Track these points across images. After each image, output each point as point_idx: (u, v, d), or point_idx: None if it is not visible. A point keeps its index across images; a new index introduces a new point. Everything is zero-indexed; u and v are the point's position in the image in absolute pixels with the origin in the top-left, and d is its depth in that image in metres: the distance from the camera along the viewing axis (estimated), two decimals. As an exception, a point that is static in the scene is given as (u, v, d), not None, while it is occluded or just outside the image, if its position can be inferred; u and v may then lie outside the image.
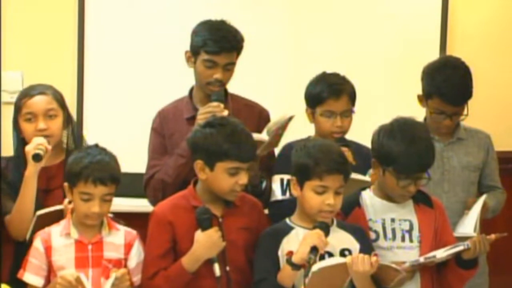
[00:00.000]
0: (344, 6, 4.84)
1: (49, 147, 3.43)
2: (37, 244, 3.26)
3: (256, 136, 3.45)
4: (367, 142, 3.62)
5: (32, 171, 3.40)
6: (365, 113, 3.79)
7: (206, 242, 3.20)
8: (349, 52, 4.79)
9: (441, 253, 3.28)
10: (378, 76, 4.79)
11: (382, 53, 4.84)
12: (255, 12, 4.74)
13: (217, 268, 3.20)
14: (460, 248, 3.30)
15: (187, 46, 3.71)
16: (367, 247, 3.25)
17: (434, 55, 4.48)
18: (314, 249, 3.11)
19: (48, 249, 3.24)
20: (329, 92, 3.65)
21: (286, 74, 4.79)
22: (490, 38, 4.94)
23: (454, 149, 3.91)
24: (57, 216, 3.35)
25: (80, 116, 4.64)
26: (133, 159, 3.72)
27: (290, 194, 3.49)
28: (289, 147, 3.60)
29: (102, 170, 3.23)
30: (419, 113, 3.79)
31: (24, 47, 4.68)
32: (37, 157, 3.37)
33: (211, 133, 3.25)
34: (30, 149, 3.40)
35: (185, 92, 3.80)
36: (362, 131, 3.65)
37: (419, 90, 3.90)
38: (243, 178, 3.24)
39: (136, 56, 4.72)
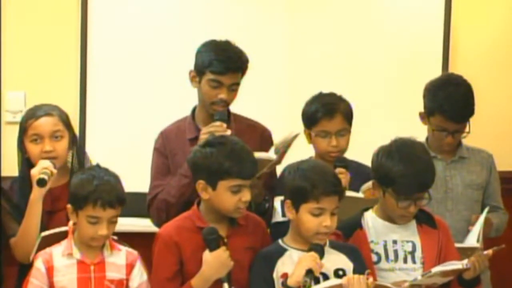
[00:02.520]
0: (345, 23, 4.85)
1: (55, 171, 3.39)
2: (39, 264, 3.22)
3: (264, 155, 3.46)
4: (367, 160, 3.62)
5: (37, 195, 3.37)
6: (366, 131, 3.83)
7: (215, 262, 3.17)
8: (350, 70, 4.80)
9: (436, 268, 3.25)
10: (380, 95, 4.79)
11: (383, 72, 4.85)
12: (255, 30, 4.77)
13: None
14: (458, 266, 3.28)
15: (189, 66, 3.70)
16: (361, 266, 3.22)
17: (436, 73, 4.44)
18: (309, 272, 3.10)
19: (49, 270, 3.21)
20: (322, 112, 3.65)
21: (285, 93, 4.80)
22: (493, 57, 4.94)
23: (457, 167, 3.90)
24: (62, 238, 3.31)
25: (82, 136, 4.64)
26: (136, 178, 3.70)
27: (291, 215, 3.47)
28: None
29: (110, 193, 3.20)
30: (421, 131, 3.82)
31: (27, 67, 4.69)
32: (41, 182, 3.33)
33: (211, 152, 3.23)
34: (35, 173, 3.36)
35: (187, 112, 3.79)
36: (362, 149, 3.64)
37: (421, 107, 3.89)
38: (246, 195, 3.22)
39: (138, 76, 4.74)
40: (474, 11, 4.95)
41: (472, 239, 3.55)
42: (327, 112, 3.64)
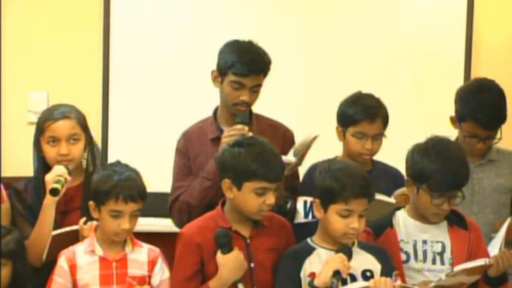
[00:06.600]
0: (365, 25, 4.76)
1: (69, 178, 3.28)
2: (62, 262, 3.15)
3: (284, 158, 3.34)
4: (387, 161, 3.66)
5: (50, 202, 3.27)
6: (387, 132, 3.67)
7: (232, 265, 3.08)
8: (370, 70, 4.71)
9: (459, 267, 3.17)
10: (400, 95, 4.67)
11: (404, 72, 4.76)
12: (275, 30, 4.68)
13: None
14: (481, 263, 3.19)
15: (212, 66, 3.60)
16: (389, 267, 3.15)
17: (458, 74, 4.47)
18: (336, 273, 3.04)
19: (72, 267, 3.13)
20: (364, 115, 3.57)
21: (304, 94, 4.73)
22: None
23: (485, 170, 3.78)
24: (72, 237, 3.24)
25: (105, 136, 4.61)
26: (157, 178, 3.60)
27: (313, 216, 3.36)
28: (314, 168, 3.49)
29: (132, 187, 3.14)
30: (443, 131, 3.58)
31: (50, 68, 4.66)
32: (54, 192, 3.23)
33: (239, 152, 3.14)
34: (49, 179, 3.26)
35: (209, 112, 3.69)
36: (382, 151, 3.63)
37: (443, 107, 3.81)
38: (270, 198, 3.12)
39: (160, 76, 4.70)
40: (497, 11, 4.83)
41: (494, 250, 3.38)
42: (369, 116, 3.56)
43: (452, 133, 3.73)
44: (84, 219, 3.24)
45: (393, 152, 3.49)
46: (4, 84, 4.49)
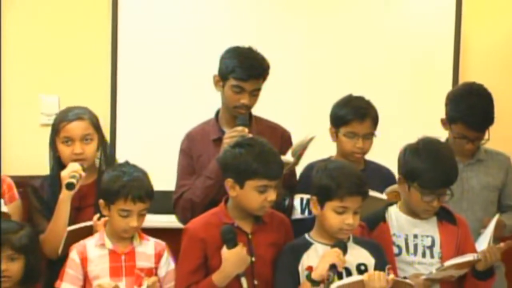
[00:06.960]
0: (358, 29, 4.80)
1: (83, 174, 3.40)
2: (73, 255, 3.24)
3: (283, 158, 3.42)
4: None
5: (65, 196, 3.38)
6: (382, 134, 3.75)
7: (235, 259, 3.16)
8: (364, 73, 4.76)
9: (449, 262, 3.25)
10: (393, 100, 4.73)
11: (398, 78, 4.81)
12: (275, 34, 4.73)
13: (244, 282, 3.16)
14: (469, 258, 3.27)
15: (214, 70, 3.68)
16: (382, 261, 3.21)
17: (447, 76, 4.51)
18: (332, 267, 3.10)
19: (83, 260, 3.22)
20: (355, 115, 3.64)
21: (302, 96, 4.78)
22: (503, 59, 4.87)
23: (474, 169, 3.87)
24: (87, 232, 3.33)
25: (113, 137, 4.64)
26: (163, 177, 3.63)
27: (309, 213, 3.49)
28: (310, 167, 3.59)
29: (140, 188, 3.22)
30: (431, 133, 3.65)
31: (61, 72, 4.69)
32: (70, 186, 3.35)
33: (240, 153, 3.22)
34: (65, 175, 3.38)
35: (212, 114, 3.78)
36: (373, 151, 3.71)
37: (433, 112, 3.88)
38: (271, 195, 3.20)
39: (165, 80, 4.72)
40: (484, 17, 4.89)
41: (483, 247, 3.45)
42: (359, 116, 3.65)
43: (442, 134, 3.80)
44: (97, 215, 3.34)
45: (386, 152, 3.56)
46: (18, 88, 4.58)
